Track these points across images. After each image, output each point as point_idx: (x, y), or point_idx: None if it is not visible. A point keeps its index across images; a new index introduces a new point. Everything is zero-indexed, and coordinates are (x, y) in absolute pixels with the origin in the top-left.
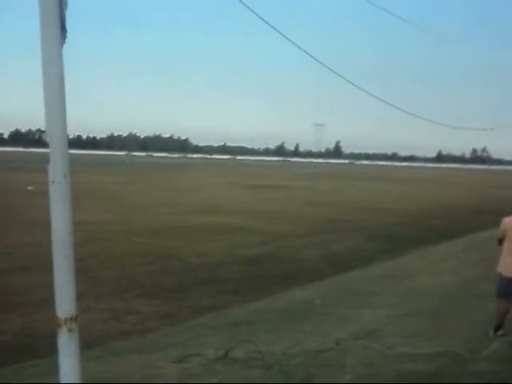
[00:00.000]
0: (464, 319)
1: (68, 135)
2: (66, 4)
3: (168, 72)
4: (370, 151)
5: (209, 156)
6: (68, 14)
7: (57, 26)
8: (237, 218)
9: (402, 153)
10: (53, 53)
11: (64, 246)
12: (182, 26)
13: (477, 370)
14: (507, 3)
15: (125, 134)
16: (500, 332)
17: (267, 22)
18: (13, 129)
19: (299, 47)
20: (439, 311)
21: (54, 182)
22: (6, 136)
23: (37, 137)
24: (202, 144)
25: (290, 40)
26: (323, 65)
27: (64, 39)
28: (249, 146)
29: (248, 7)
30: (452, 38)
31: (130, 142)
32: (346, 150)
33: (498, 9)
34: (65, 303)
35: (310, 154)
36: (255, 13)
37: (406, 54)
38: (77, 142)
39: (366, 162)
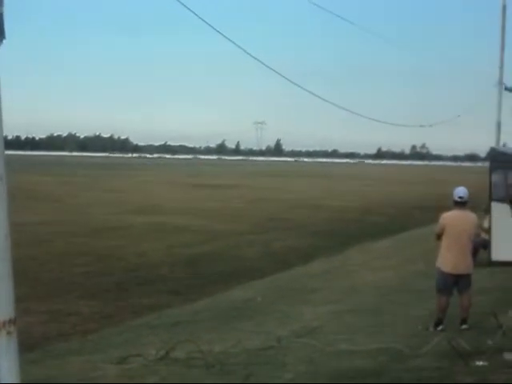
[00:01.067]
0: (405, 315)
1: (5, 136)
2: (2, 3)
3: (106, 71)
4: (311, 149)
5: (149, 155)
6: (5, 14)
7: None
8: (178, 217)
9: (343, 150)
10: None
11: (1, 248)
12: (120, 25)
13: (417, 366)
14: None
15: (64, 134)
16: (440, 327)
17: (201, 18)
18: None
19: (237, 45)
20: (380, 307)
21: None
22: None
23: None
24: (142, 143)
25: (227, 38)
26: (262, 63)
27: (1, 40)
28: (190, 144)
29: (186, 6)
30: (390, 38)
31: (70, 142)
32: (286, 147)
33: (434, 9)
34: (3, 306)
35: (250, 152)
36: (191, 10)
37: (346, 54)
38: (16, 143)
39: (307, 160)
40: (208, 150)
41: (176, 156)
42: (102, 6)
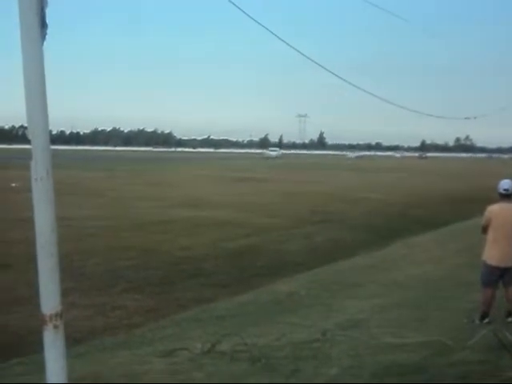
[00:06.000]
0: (450, 308)
1: (51, 131)
2: (46, 0)
3: (150, 67)
4: (354, 142)
5: (193, 149)
6: (49, 10)
7: (37, 22)
8: (221, 211)
9: (386, 143)
10: (33, 49)
11: (48, 243)
12: (165, 22)
13: (462, 360)
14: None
15: (108, 129)
16: (486, 320)
17: (250, 16)
18: None
19: (281, 39)
20: (424, 301)
21: (36, 178)
22: None
23: (20, 133)
24: (185, 137)
25: (272, 32)
26: (305, 56)
27: (44, 35)
28: (233, 138)
29: (233, 3)
30: (434, 31)
31: (114, 137)
32: (329, 140)
33: (480, 4)
34: (50, 299)
35: (293, 146)
36: (238, 7)
37: (390, 47)
38: (61, 138)
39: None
40: (251, 144)
41: (219, 150)
42: (153, 5)
